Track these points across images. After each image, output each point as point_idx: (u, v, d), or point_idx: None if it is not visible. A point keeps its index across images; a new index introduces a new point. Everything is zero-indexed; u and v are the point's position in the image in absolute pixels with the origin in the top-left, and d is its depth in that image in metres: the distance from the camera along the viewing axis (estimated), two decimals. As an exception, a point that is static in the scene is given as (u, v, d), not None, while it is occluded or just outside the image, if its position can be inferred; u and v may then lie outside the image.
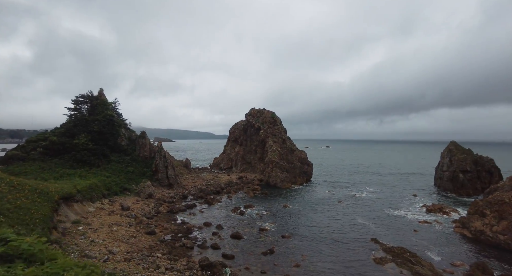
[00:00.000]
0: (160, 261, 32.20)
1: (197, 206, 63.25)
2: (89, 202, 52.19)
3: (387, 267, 33.55)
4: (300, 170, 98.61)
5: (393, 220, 52.20)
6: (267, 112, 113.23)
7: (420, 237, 43.73)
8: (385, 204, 64.21)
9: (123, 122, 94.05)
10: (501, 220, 39.94)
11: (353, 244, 40.85)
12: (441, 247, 39.81)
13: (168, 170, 78.28)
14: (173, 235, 43.38)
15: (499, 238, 39.03)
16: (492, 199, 42.27)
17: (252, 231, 46.51)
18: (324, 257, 36.47)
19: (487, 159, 76.50)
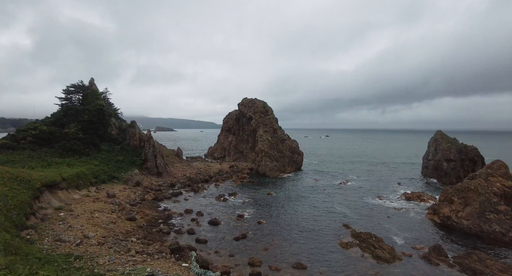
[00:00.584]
0: (133, 245, 33.72)
1: (183, 193, 64.84)
2: (75, 190, 53.69)
3: (350, 251, 35.09)
4: (290, 159, 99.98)
5: (370, 208, 53.66)
6: (258, 102, 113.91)
7: (391, 223, 45.20)
8: (366, 192, 65.66)
9: (114, 112, 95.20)
10: (466, 206, 41.29)
11: (325, 230, 42.36)
12: (409, 232, 41.29)
13: (157, 159, 79.72)
14: (153, 221, 44.92)
15: (463, 223, 40.45)
16: (460, 187, 43.55)
17: (230, 217, 48.05)
18: (294, 241, 37.99)
19: (471, 148, 77.43)
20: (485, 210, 39.43)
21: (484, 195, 40.35)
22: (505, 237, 36.97)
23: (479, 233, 38.90)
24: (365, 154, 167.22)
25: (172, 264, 29.55)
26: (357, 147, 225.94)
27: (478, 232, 39.01)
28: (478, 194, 40.97)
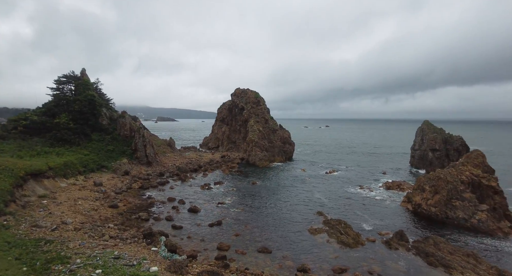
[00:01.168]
0: (108, 230, 35.36)
1: (169, 182, 66.42)
2: (62, 178, 55.32)
3: (318, 237, 36.60)
4: (280, 149, 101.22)
5: (348, 196, 55.03)
6: (250, 92, 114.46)
7: (365, 211, 46.63)
8: (349, 182, 67.00)
9: (106, 102, 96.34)
10: (435, 194, 42.54)
11: (299, 217, 43.84)
12: (379, 220, 42.73)
13: (146, 149, 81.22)
14: (134, 208, 46.53)
15: (431, 210, 41.82)
16: (431, 175, 44.73)
17: (211, 205, 49.62)
18: (266, 227, 39.55)
19: (456, 137, 78.27)
20: (452, 198, 40.69)
21: (452, 183, 41.54)
22: (467, 223, 38.33)
23: (445, 219, 40.30)
24: (361, 144, 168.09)
25: (142, 248, 31.20)
26: (355, 137, 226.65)
27: (444, 219, 40.39)
28: (447, 182, 42.16)
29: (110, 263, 24.78)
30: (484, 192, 41.54)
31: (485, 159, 53.13)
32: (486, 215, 37.94)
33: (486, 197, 41.24)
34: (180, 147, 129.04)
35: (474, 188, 42.01)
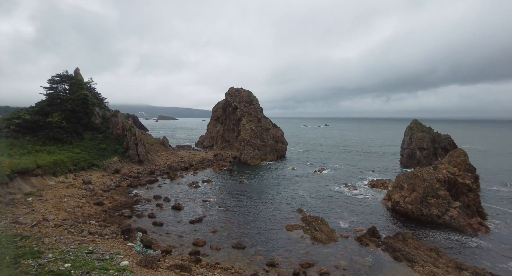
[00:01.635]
0: (88, 227, 36.39)
1: (158, 181, 67.43)
2: (51, 176, 56.38)
3: (293, 233, 37.55)
4: (272, 148, 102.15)
5: (331, 195, 55.93)
6: (244, 91, 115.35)
7: (345, 209, 47.55)
8: (336, 180, 67.85)
9: (101, 101, 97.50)
10: (412, 192, 43.39)
11: (279, 215, 44.79)
12: (357, 217, 43.65)
13: (138, 147, 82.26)
14: (119, 206, 47.56)
15: (408, 207, 42.71)
16: (410, 174, 45.63)
17: (195, 203, 50.61)
18: (245, 224, 40.50)
19: (444, 136, 79.05)
20: (427, 195, 41.56)
21: (428, 181, 42.38)
22: (440, 219, 39.22)
23: (420, 216, 41.19)
24: (356, 143, 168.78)
25: (118, 243, 32.21)
26: (352, 136, 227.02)
27: (419, 216, 41.29)
28: (423, 180, 43.00)
29: (82, 258, 25.80)
30: (459, 189, 42.40)
31: (467, 157, 54.25)
32: (457, 211, 38.81)
33: (461, 194, 42.11)
34: (175, 145, 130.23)
35: (450, 185, 42.85)
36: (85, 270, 22.34)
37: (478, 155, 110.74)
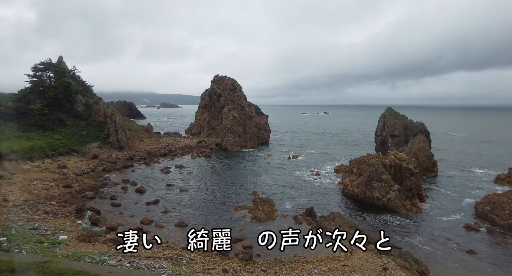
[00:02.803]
0: (47, 207, 39.14)
1: (134, 166, 70.19)
2: (26, 161, 59.10)
3: (238, 213, 40.17)
4: (254, 135, 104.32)
5: (293, 179, 58.37)
6: (228, 79, 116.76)
7: (299, 191, 50.10)
8: (304, 166, 70.12)
9: (88, 88, 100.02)
10: (360, 176, 45.68)
11: (234, 197, 47.44)
12: (306, 198, 46.25)
13: (118, 134, 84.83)
14: (86, 188, 50.33)
15: (354, 190, 45.10)
16: (359, 159, 47.84)
17: (159, 186, 53.26)
18: (197, 206, 43.14)
19: (417, 124, 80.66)
20: (372, 179, 43.77)
21: (374, 166, 44.50)
22: (380, 201, 41.59)
23: (363, 199, 43.60)
24: (345, 130, 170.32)
25: (69, 221, 35.04)
26: (345, 123, 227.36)
27: (363, 198, 43.69)
28: (369, 165, 45.17)
29: (23, 233, 28.51)
30: (403, 174, 44.58)
31: (426, 144, 56.61)
32: (395, 194, 41.10)
33: (405, 178, 44.31)
34: (164, 132, 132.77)
35: (395, 170, 45.02)
36: (18, 243, 24.90)
37: (459, 142, 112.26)
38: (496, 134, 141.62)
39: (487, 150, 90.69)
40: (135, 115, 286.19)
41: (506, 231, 33.81)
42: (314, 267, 25.57)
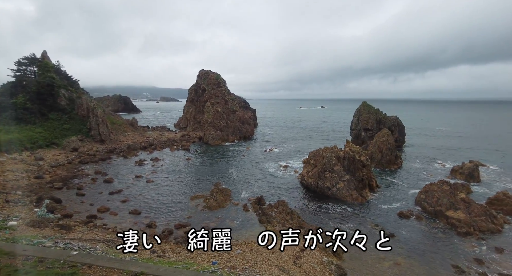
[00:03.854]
0: (10, 196, 41.29)
1: (111, 158, 72.31)
2: (3, 153, 61.19)
3: (194, 202, 42.36)
4: (236, 129, 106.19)
5: (260, 171, 60.48)
6: (212, 74, 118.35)
7: (259, 182, 52.39)
8: (276, 158, 72.22)
9: (74, 83, 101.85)
10: (315, 167, 47.72)
11: (198, 187, 49.59)
12: (263, 189, 48.52)
13: (100, 127, 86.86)
14: (57, 179, 52.45)
15: (309, 181, 47.22)
16: (315, 151, 49.79)
17: (128, 178, 55.35)
18: (156, 196, 45.21)
19: (391, 118, 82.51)
20: (325, 170, 45.84)
21: (327, 158, 46.52)
22: (329, 191, 43.74)
23: (316, 189, 45.77)
24: (333, 124, 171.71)
25: (27, 209, 37.21)
26: (337, 118, 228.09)
27: (315, 188, 45.86)
28: (323, 157, 47.19)
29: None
30: (356, 165, 46.56)
31: (390, 137, 58.63)
32: (343, 184, 43.20)
33: (357, 169, 46.30)
34: (154, 126, 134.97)
35: (349, 162, 46.99)
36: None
37: (437, 136, 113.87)
38: (482, 129, 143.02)
39: (461, 144, 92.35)
40: (130, 109, 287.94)
41: (432, 216, 36.01)
42: (239, 248, 27.67)
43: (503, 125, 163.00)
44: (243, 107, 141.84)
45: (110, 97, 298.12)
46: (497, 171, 58.49)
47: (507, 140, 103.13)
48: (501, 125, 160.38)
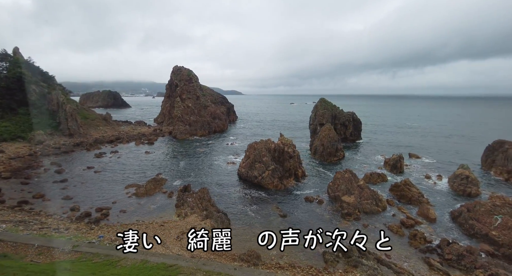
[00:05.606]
0: (-44, 183, 44.47)
1: (74, 151, 75.36)
2: (-38, 146, 64.18)
3: (126, 190, 45.71)
4: (205, 124, 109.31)
5: (207, 163, 63.77)
6: (184, 70, 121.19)
7: (199, 172, 55.87)
8: (230, 152, 75.53)
9: (49, 78, 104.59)
10: (248, 158, 51.18)
11: (139, 177, 52.71)
12: (200, 178, 52.07)
13: (68, 122, 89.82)
14: (9, 169, 55.53)
15: (242, 171, 50.71)
16: (250, 144, 53.15)
17: (80, 169, 58.44)
18: (96, 184, 48.51)
19: (346, 113, 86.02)
20: (255, 161, 49.28)
21: (258, 149, 49.96)
22: (256, 179, 47.29)
23: (247, 178, 49.28)
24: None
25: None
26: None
27: (246, 177, 49.38)
28: (255, 149, 50.61)
29: None
30: (285, 156, 50.01)
31: (332, 132, 61.95)
32: (268, 173, 46.69)
33: (285, 160, 49.78)
34: (134, 121, 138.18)
35: (279, 153, 50.43)
36: None
37: (399, 132, 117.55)
38: (454, 126, 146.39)
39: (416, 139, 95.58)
40: (120, 105, 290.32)
41: (332, 200, 39.67)
42: (137, 227, 31.11)
43: (480, 121, 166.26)
44: (220, 103, 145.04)
45: (100, 93, 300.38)
46: (424, 163, 62.24)
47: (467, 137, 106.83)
48: (477, 122, 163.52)
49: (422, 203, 37.14)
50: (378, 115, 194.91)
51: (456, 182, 44.57)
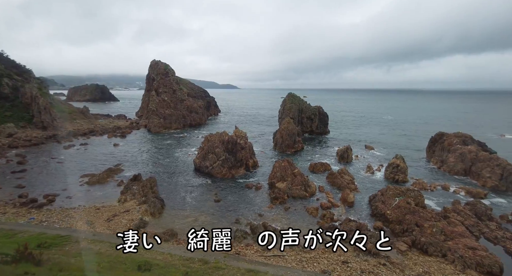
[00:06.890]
0: None
1: (45, 144, 77.02)
2: None
3: (82, 178, 47.91)
4: (181, 117, 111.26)
5: (169, 154, 66.19)
6: (161, 64, 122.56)
7: (158, 163, 58.29)
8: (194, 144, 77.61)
9: (26, 71, 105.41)
10: (202, 150, 53.73)
11: (97, 167, 54.85)
12: (156, 168, 54.50)
13: (42, 115, 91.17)
14: (-27, 160, 57.25)
15: (196, 161, 53.45)
16: (207, 136, 55.62)
17: (44, 159, 60.40)
18: (53, 173, 50.69)
19: (313, 107, 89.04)
20: (209, 152, 51.82)
21: (211, 141, 52.50)
22: (207, 169, 50.03)
23: (200, 168, 51.87)
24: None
25: None
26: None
27: (199, 167, 52.04)
28: (208, 141, 53.13)
29: None
30: (237, 148, 52.60)
31: (291, 125, 64.72)
32: (218, 163, 49.35)
33: (237, 151, 52.39)
34: (115, 114, 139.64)
35: (232, 145, 52.98)
36: None
37: (370, 124, 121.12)
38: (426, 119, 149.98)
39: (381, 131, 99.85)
40: (107, 99, 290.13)
41: (269, 187, 42.54)
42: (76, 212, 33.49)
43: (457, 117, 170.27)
44: (200, 97, 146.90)
45: (88, 87, 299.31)
46: (374, 155, 65.59)
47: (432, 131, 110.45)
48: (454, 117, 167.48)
49: (345, 189, 40.17)
50: (360, 111, 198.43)
51: (388, 170, 47.89)
